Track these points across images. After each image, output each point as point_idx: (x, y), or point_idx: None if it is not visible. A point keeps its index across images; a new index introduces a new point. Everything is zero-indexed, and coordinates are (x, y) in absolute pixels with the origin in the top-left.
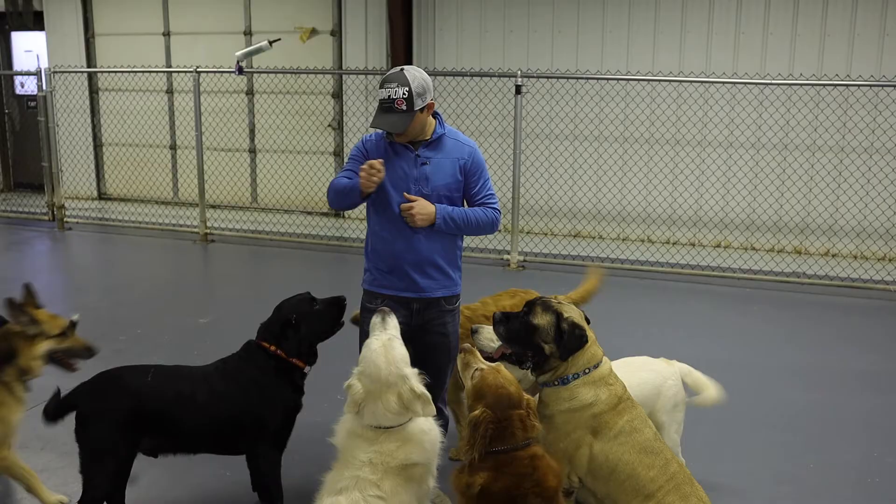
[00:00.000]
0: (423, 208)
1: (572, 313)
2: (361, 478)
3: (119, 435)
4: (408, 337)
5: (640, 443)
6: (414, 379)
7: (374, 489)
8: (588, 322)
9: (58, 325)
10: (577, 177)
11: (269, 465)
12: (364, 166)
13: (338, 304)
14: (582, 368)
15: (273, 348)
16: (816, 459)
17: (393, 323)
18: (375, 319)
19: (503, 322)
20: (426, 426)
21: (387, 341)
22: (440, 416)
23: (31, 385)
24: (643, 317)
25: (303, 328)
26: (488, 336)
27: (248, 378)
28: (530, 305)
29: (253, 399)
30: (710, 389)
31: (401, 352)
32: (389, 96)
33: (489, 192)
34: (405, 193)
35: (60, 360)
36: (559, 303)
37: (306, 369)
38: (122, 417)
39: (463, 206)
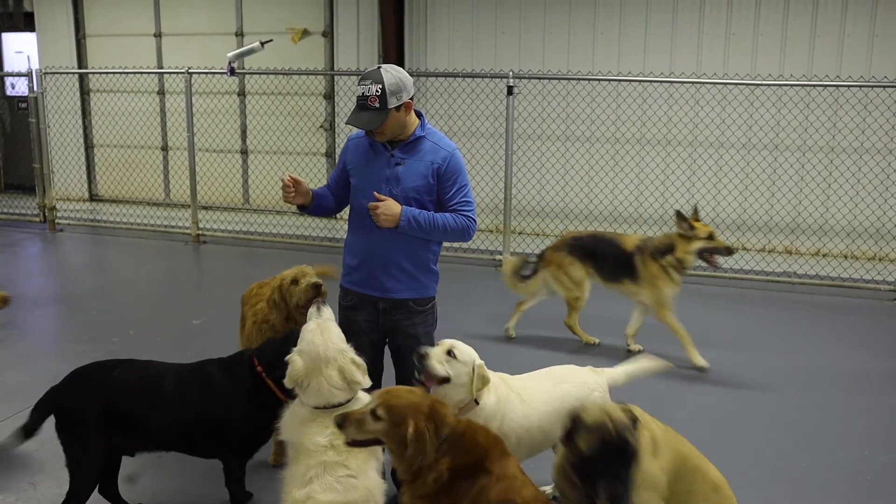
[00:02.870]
0: (388, 209)
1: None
2: (328, 462)
3: (93, 434)
4: (379, 337)
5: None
6: (352, 351)
7: (343, 469)
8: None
9: (706, 231)
10: (569, 177)
11: (231, 471)
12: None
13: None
14: None
15: (260, 369)
16: (809, 459)
17: (328, 312)
18: (312, 310)
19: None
20: (368, 401)
21: (322, 322)
22: None
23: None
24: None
25: None
26: (438, 359)
27: (221, 385)
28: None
29: (218, 407)
30: (653, 364)
31: (336, 331)
32: (364, 93)
33: (464, 200)
34: (375, 192)
35: (706, 257)
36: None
37: (287, 403)
38: (94, 417)
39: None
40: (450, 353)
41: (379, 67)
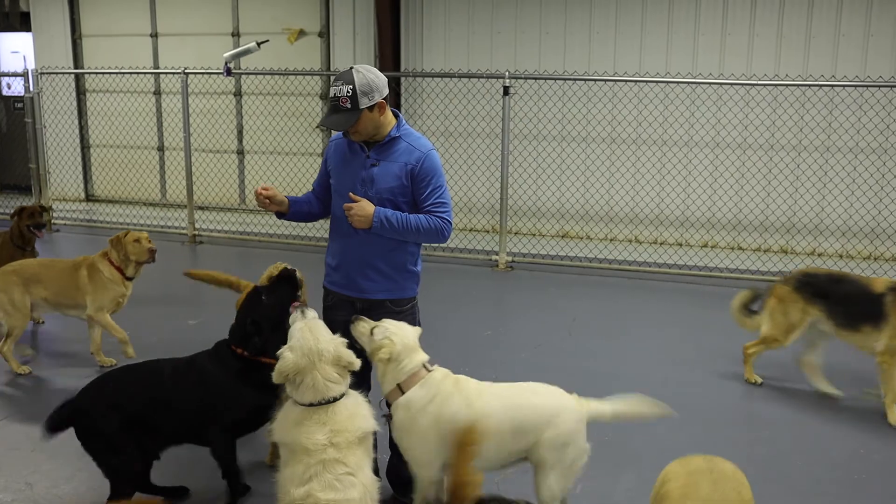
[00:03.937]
0: (361, 210)
1: None
2: (327, 459)
3: (119, 436)
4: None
5: None
6: (342, 341)
7: (342, 467)
8: None
9: None
10: (565, 177)
11: (220, 448)
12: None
13: (285, 280)
14: None
15: (240, 351)
16: (804, 457)
17: (311, 313)
18: (296, 314)
19: None
20: (357, 399)
21: (308, 321)
22: None
23: None
24: (631, 316)
25: (263, 325)
26: (361, 330)
27: (211, 377)
28: None
29: (212, 396)
30: (648, 407)
31: (324, 328)
32: (335, 94)
33: (439, 201)
34: (350, 193)
35: None
36: None
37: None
38: (115, 423)
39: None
40: (372, 331)
41: (351, 68)
